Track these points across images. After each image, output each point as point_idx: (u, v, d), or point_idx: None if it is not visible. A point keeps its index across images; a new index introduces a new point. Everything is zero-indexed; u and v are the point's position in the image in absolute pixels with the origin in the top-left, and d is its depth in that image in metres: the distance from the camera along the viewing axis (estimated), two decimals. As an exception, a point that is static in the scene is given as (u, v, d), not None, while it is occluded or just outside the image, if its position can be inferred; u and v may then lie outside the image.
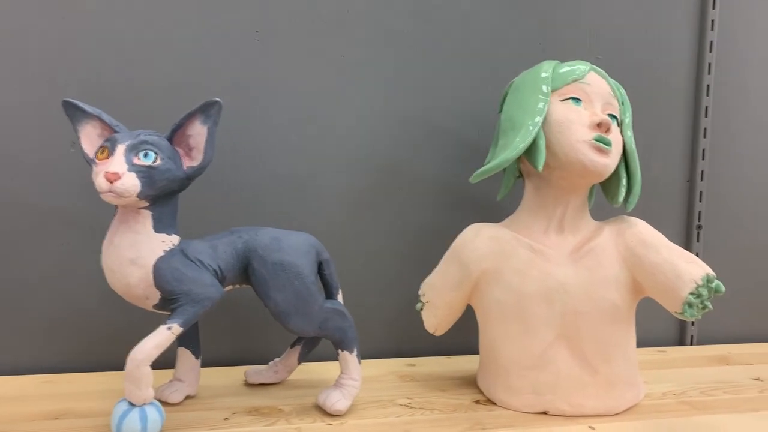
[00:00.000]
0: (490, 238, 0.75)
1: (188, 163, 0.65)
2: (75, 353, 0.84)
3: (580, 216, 0.76)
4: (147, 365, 0.60)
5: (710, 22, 1.03)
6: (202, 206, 0.86)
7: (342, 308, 0.72)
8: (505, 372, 0.74)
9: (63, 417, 0.67)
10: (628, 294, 0.72)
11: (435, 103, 0.94)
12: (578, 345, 0.71)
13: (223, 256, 0.68)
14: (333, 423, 0.68)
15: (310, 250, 0.71)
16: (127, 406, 0.61)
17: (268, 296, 0.68)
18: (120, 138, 0.62)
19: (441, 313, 0.78)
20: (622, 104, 0.76)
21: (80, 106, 0.65)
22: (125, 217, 0.63)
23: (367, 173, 0.92)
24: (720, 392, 0.80)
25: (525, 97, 0.74)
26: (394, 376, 0.84)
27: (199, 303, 0.63)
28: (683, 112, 1.05)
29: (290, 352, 0.79)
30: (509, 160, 0.71)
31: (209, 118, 0.64)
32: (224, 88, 0.86)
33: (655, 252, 0.71)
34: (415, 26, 0.93)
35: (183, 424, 0.66)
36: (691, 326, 1.06)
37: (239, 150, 0.87)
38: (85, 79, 0.82)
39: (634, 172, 0.76)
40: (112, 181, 0.59)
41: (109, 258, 0.63)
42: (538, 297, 0.71)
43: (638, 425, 0.69)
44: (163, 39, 0.84)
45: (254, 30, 0.87)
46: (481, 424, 0.69)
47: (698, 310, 0.68)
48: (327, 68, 0.90)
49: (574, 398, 0.71)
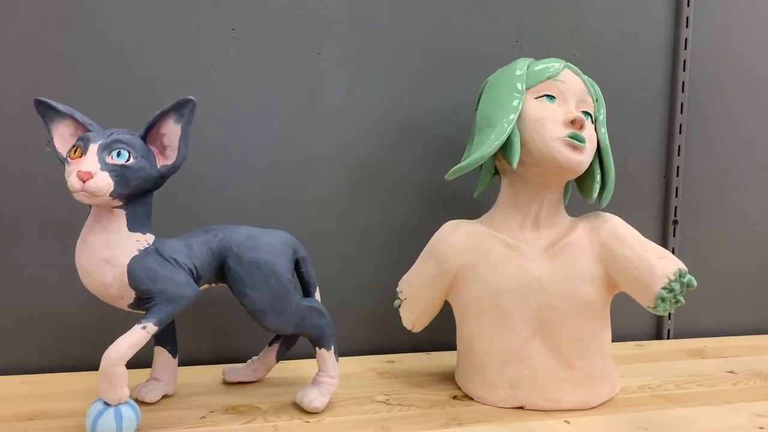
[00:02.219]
0: (466, 235, 0.75)
1: (162, 161, 0.65)
2: (51, 353, 0.83)
3: (555, 212, 0.77)
4: (122, 364, 0.60)
5: (685, 20, 1.04)
6: (177, 205, 0.85)
7: (319, 306, 0.72)
8: (482, 367, 0.74)
9: (38, 418, 0.67)
10: (603, 289, 0.73)
11: (412, 100, 0.94)
12: (554, 340, 0.72)
13: (199, 255, 0.67)
14: (310, 420, 0.68)
15: (286, 248, 0.71)
16: (102, 406, 0.60)
17: (244, 294, 0.68)
18: (93, 137, 0.61)
19: (418, 309, 0.79)
20: (596, 101, 0.77)
21: (53, 105, 0.64)
22: (99, 216, 0.63)
23: (344, 171, 0.92)
24: (694, 385, 0.82)
25: (500, 95, 0.75)
26: (373, 372, 0.85)
27: (174, 302, 0.63)
28: (659, 108, 1.06)
29: (268, 350, 0.79)
30: (484, 157, 0.71)
31: (183, 116, 0.63)
32: (200, 86, 0.86)
33: (629, 247, 0.72)
34: (392, 24, 0.93)
35: (160, 423, 0.66)
36: (668, 320, 1.07)
37: (215, 148, 0.87)
38: (59, 78, 0.82)
39: (608, 168, 0.76)
40: (84, 181, 0.58)
41: (82, 258, 0.63)
42: (514, 293, 0.72)
43: (613, 419, 0.70)
44: (138, 36, 0.84)
45: (230, 27, 0.87)
46: (458, 419, 0.69)
47: (671, 304, 0.69)
48: (304, 66, 0.90)
49: (550, 393, 0.72)
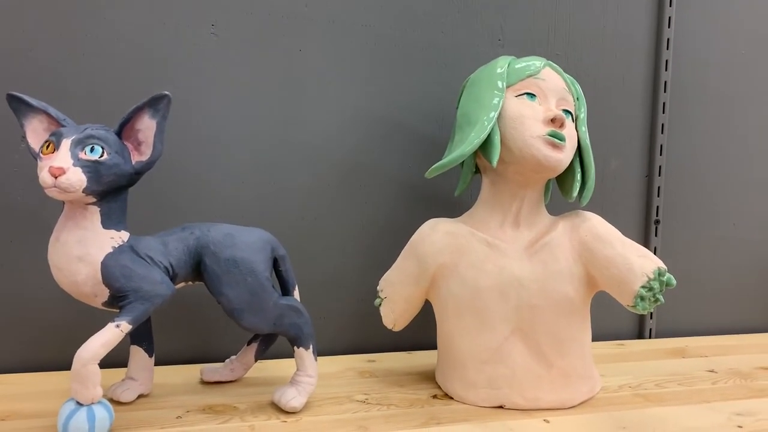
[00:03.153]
0: (446, 233, 0.75)
1: (137, 157, 0.64)
2: (22, 353, 0.82)
3: (535, 211, 0.76)
4: (94, 363, 0.59)
5: (667, 20, 1.05)
6: (153, 202, 0.84)
7: (298, 304, 0.71)
8: (462, 366, 0.74)
9: (9, 418, 0.66)
10: (583, 288, 0.73)
11: (393, 98, 0.94)
12: (534, 339, 0.72)
13: (175, 253, 0.66)
14: (288, 420, 0.67)
15: (264, 246, 0.70)
16: (74, 406, 0.59)
17: (221, 293, 0.67)
18: (66, 132, 0.60)
19: (399, 308, 0.78)
20: (577, 100, 0.77)
21: (25, 100, 0.63)
22: (72, 213, 0.62)
23: (323, 168, 0.91)
24: (674, 384, 0.82)
25: (480, 93, 0.74)
26: (354, 372, 0.84)
27: (148, 300, 0.62)
28: (641, 108, 1.06)
29: (246, 350, 0.78)
30: (464, 155, 0.71)
31: (158, 111, 0.62)
32: (178, 81, 0.84)
33: (609, 246, 0.72)
34: (374, 22, 0.92)
35: (134, 423, 0.65)
36: (649, 320, 1.07)
37: (193, 144, 0.86)
38: (32, 72, 0.80)
39: (588, 167, 0.76)
40: (56, 176, 0.57)
41: (55, 255, 0.62)
42: (494, 291, 0.72)
43: (592, 418, 0.70)
44: (115, 30, 0.82)
45: (209, 23, 0.86)
46: (437, 418, 0.69)
47: (650, 303, 0.69)
48: (284, 63, 0.89)
49: (530, 392, 0.72)
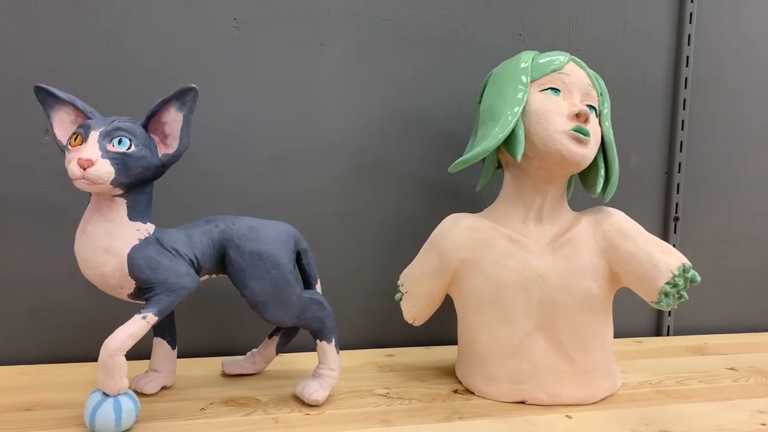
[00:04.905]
0: (468, 228, 0.75)
1: (163, 150, 0.64)
2: (47, 344, 0.82)
3: (558, 206, 0.76)
4: (121, 355, 0.59)
5: (688, 15, 1.04)
6: (177, 195, 0.85)
7: (320, 298, 0.71)
8: (483, 361, 0.74)
9: (35, 408, 0.66)
10: (606, 284, 0.73)
11: (415, 93, 0.93)
12: (556, 334, 0.72)
13: (199, 246, 0.67)
14: (310, 413, 0.67)
15: (288, 239, 0.70)
16: (100, 397, 0.60)
17: (245, 286, 0.67)
18: (94, 124, 0.60)
19: (420, 303, 0.78)
20: (600, 95, 0.76)
21: (53, 92, 0.63)
22: (99, 205, 0.62)
23: (345, 163, 0.92)
24: (695, 381, 0.81)
25: (504, 88, 0.74)
26: (373, 366, 0.84)
27: (174, 292, 0.62)
28: (661, 104, 1.05)
29: (268, 343, 0.79)
30: (488, 150, 0.71)
31: (185, 104, 0.63)
32: (201, 75, 0.85)
33: (632, 242, 0.71)
34: (395, 16, 0.92)
35: (158, 414, 0.66)
36: (667, 317, 1.07)
37: (216, 138, 0.86)
38: (58, 65, 0.81)
39: (612, 162, 0.76)
40: (85, 168, 0.58)
41: (82, 247, 0.62)
42: (516, 286, 0.71)
43: (614, 413, 0.70)
44: (140, 25, 0.83)
45: (232, 17, 0.86)
46: (459, 413, 0.69)
47: (674, 299, 0.68)
48: (306, 57, 0.89)
49: (552, 387, 0.72)
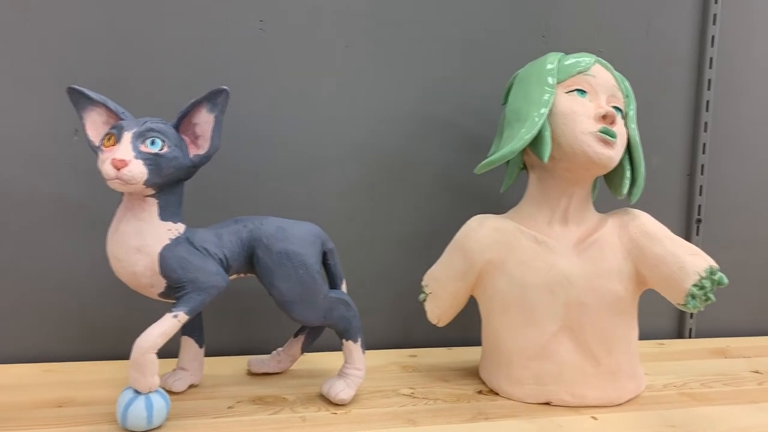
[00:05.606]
0: (493, 229, 0.75)
1: (194, 151, 0.65)
2: (76, 342, 0.83)
3: (584, 208, 0.76)
4: (153, 353, 0.60)
5: (712, 17, 1.03)
6: (205, 195, 0.85)
7: (346, 298, 0.71)
8: (508, 362, 0.74)
9: (66, 405, 0.67)
10: (632, 286, 0.73)
11: (438, 94, 0.94)
12: (581, 336, 0.72)
13: (228, 245, 0.67)
14: (337, 412, 0.68)
15: (315, 239, 0.71)
16: (132, 394, 0.61)
17: (273, 285, 0.68)
18: (126, 125, 0.61)
19: (444, 303, 0.79)
20: (626, 97, 0.76)
21: (86, 93, 0.64)
22: (131, 204, 0.63)
23: (370, 164, 0.92)
24: (720, 384, 0.81)
25: (530, 89, 0.74)
26: (396, 366, 0.85)
27: (204, 291, 0.63)
28: (684, 106, 1.05)
29: (293, 342, 0.79)
30: (514, 151, 0.71)
31: (216, 106, 0.63)
32: (227, 77, 0.86)
33: (659, 244, 0.71)
34: (418, 17, 0.93)
35: (187, 412, 0.66)
36: (689, 319, 1.06)
37: (243, 139, 0.87)
38: (89, 67, 0.82)
39: (637, 164, 0.76)
40: (119, 168, 0.58)
41: (114, 246, 0.63)
42: (542, 288, 0.72)
43: (640, 416, 0.70)
44: (167, 27, 0.84)
45: (258, 19, 0.87)
46: (484, 414, 0.69)
47: (701, 301, 0.68)
48: (331, 58, 0.90)
49: (577, 389, 0.72)
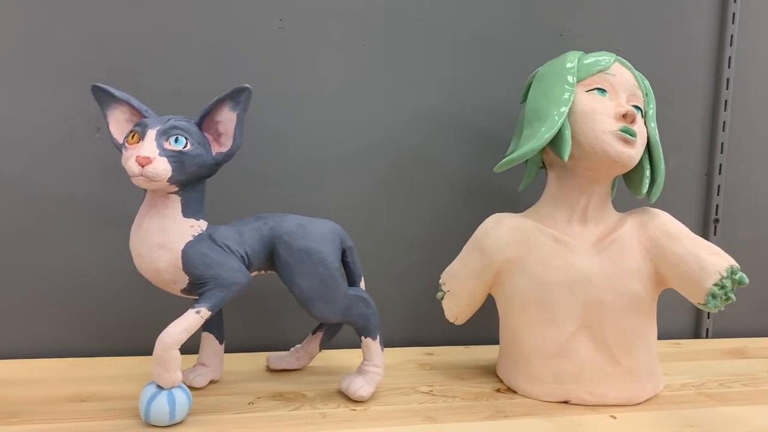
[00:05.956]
0: (512, 228, 0.75)
1: (217, 149, 0.65)
2: (98, 337, 0.84)
3: (603, 207, 0.76)
4: (175, 349, 0.61)
5: (731, 16, 1.03)
6: (225, 193, 0.86)
7: (365, 295, 0.72)
8: (527, 361, 0.74)
9: (89, 400, 0.68)
10: (651, 285, 0.73)
11: (455, 93, 0.94)
12: (601, 335, 0.72)
13: (250, 242, 0.68)
14: (357, 408, 0.68)
15: (334, 237, 0.71)
16: (155, 389, 0.61)
17: (293, 282, 0.68)
18: (150, 123, 0.62)
19: (462, 302, 0.79)
20: (646, 96, 0.76)
21: (110, 91, 0.65)
22: (154, 201, 0.63)
23: (387, 162, 0.92)
24: (739, 384, 0.81)
25: (550, 87, 0.74)
26: (414, 364, 0.85)
27: (227, 288, 0.64)
28: (702, 105, 1.04)
29: (311, 339, 0.80)
30: (535, 149, 0.71)
31: (238, 104, 0.64)
32: (247, 75, 0.86)
33: (679, 243, 0.71)
34: (435, 17, 0.93)
35: (208, 408, 0.67)
36: (706, 319, 1.06)
37: (261, 138, 0.87)
38: (110, 65, 0.82)
39: (657, 163, 0.76)
40: (143, 165, 0.59)
41: (137, 242, 0.64)
42: (562, 287, 0.72)
43: (659, 415, 0.70)
44: (188, 26, 0.84)
45: (277, 18, 0.87)
46: (503, 412, 0.69)
47: (722, 301, 0.68)
48: (349, 57, 0.90)
49: (596, 388, 0.72)
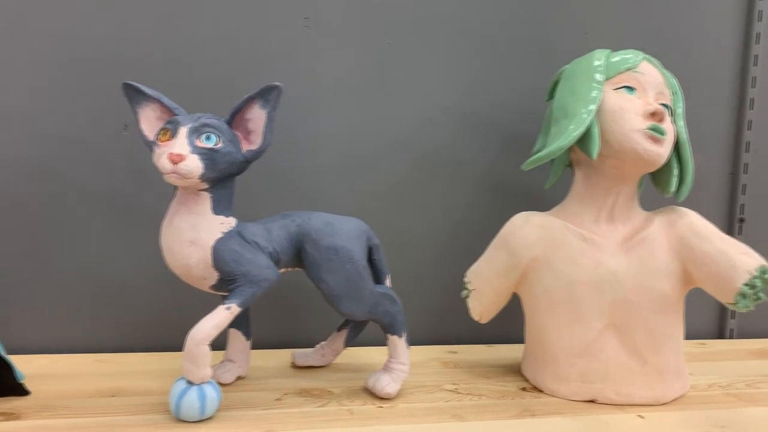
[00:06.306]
0: (539, 227, 0.75)
1: (246, 146, 0.65)
2: (126, 333, 0.85)
3: (630, 205, 0.76)
4: (206, 345, 0.61)
5: (757, 14, 1.02)
6: (252, 190, 0.86)
7: (391, 293, 0.72)
8: (554, 360, 0.74)
9: (119, 395, 0.69)
10: (679, 284, 0.72)
11: (479, 91, 0.94)
12: (628, 334, 0.71)
13: (278, 239, 0.68)
14: (383, 406, 0.68)
15: (361, 235, 0.71)
16: (185, 385, 0.62)
17: (321, 279, 0.68)
18: (182, 120, 0.62)
19: (487, 300, 0.79)
20: (674, 94, 0.76)
21: (141, 89, 0.65)
22: (185, 198, 0.64)
23: (412, 160, 0.93)
24: (766, 385, 0.80)
25: (578, 85, 0.74)
26: (437, 362, 0.85)
27: (256, 284, 0.64)
28: (728, 103, 1.04)
29: (336, 336, 0.80)
30: (563, 147, 0.71)
31: (268, 102, 0.64)
32: (272, 73, 0.86)
33: (708, 242, 0.71)
34: (459, 15, 0.93)
35: (236, 403, 0.67)
36: (730, 319, 1.05)
37: (287, 135, 0.88)
38: (137, 63, 0.83)
39: (686, 162, 0.75)
40: (175, 163, 0.59)
41: (168, 239, 0.64)
42: (589, 285, 0.71)
43: (687, 415, 0.69)
44: (213, 23, 0.85)
45: (303, 17, 0.87)
46: (530, 410, 0.69)
47: (752, 300, 0.67)
48: (373, 55, 0.90)
49: (623, 387, 0.71)
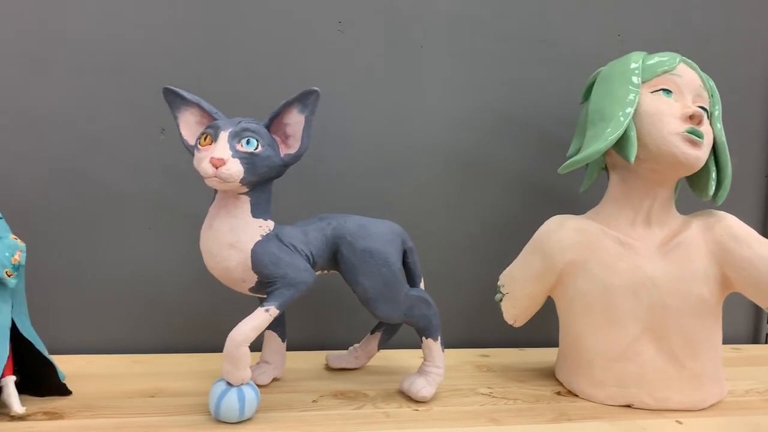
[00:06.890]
0: (575, 230, 0.75)
1: (285, 150, 0.66)
2: (164, 334, 0.86)
3: (667, 209, 0.75)
4: (245, 346, 0.62)
5: (793, 14, 1.01)
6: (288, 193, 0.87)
7: (426, 296, 0.72)
8: (589, 364, 0.73)
9: (158, 395, 0.70)
10: (717, 289, 0.71)
11: (513, 94, 0.94)
12: (665, 339, 0.71)
13: (314, 242, 0.69)
14: (419, 409, 0.69)
15: (395, 238, 0.72)
16: (225, 386, 0.62)
17: (357, 282, 0.69)
18: (222, 125, 0.63)
19: (521, 304, 0.79)
20: (711, 96, 0.75)
21: (181, 94, 0.66)
22: (224, 202, 0.65)
23: (447, 164, 0.93)
24: (804, 391, 0.79)
25: (614, 88, 0.74)
26: (470, 366, 0.85)
27: (294, 287, 0.65)
28: (762, 105, 1.02)
29: (370, 338, 0.80)
30: (600, 151, 0.71)
31: (306, 106, 0.65)
32: (307, 77, 0.87)
33: (747, 246, 0.70)
34: (492, 18, 0.93)
35: (274, 405, 0.68)
36: (766, 324, 1.04)
37: (321, 139, 0.88)
38: (174, 68, 0.84)
39: (724, 165, 0.74)
40: (217, 167, 0.60)
41: (208, 242, 0.65)
42: (626, 290, 0.71)
43: (725, 421, 0.68)
44: (249, 29, 0.86)
45: (337, 20, 0.88)
46: (566, 415, 0.69)
47: (792, 305, 0.67)
48: (407, 59, 0.90)
49: (660, 392, 0.71)
